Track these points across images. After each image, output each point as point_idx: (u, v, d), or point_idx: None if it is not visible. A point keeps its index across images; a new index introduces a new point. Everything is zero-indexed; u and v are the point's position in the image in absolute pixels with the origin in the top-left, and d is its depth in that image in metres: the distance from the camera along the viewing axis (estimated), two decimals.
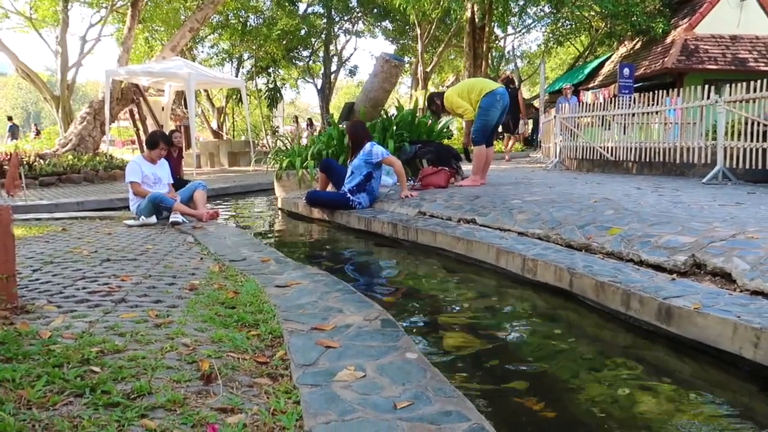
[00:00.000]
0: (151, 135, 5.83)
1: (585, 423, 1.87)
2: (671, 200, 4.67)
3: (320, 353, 1.85)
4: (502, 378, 2.28)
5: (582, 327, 2.86)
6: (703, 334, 2.26)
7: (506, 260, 3.63)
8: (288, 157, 7.81)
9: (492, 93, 6.14)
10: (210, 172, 14.89)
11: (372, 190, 5.95)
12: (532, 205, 4.52)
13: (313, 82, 30.92)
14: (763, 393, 2.04)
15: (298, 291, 2.68)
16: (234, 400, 1.49)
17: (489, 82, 6.39)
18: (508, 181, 6.95)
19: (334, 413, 1.44)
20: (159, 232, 4.73)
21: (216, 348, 1.86)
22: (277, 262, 3.44)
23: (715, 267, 2.79)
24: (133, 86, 14.55)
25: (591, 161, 9.34)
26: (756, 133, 6.19)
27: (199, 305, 2.38)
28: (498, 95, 6.12)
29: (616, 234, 3.49)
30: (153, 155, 5.51)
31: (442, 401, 1.52)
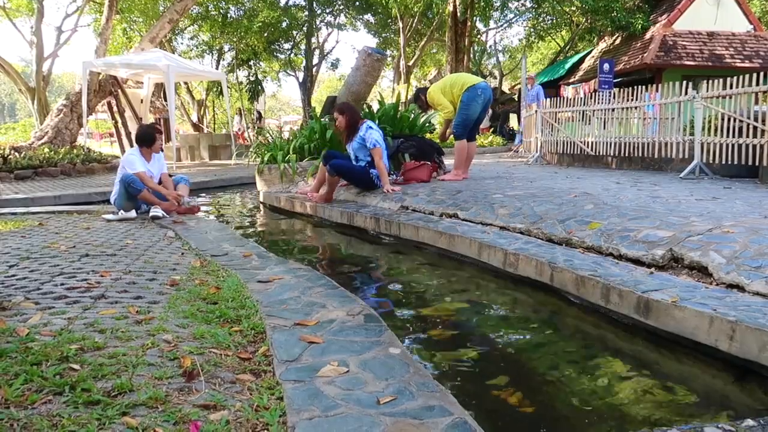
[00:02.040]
0: (145, 131, 5.62)
1: (564, 416, 1.90)
2: (650, 195, 4.74)
3: (303, 349, 1.85)
4: (482, 372, 2.30)
5: (562, 321, 2.89)
6: (681, 327, 2.30)
7: (488, 254, 3.66)
8: (270, 151, 7.76)
9: (473, 87, 6.17)
10: (190, 166, 14.73)
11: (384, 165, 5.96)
12: (514, 200, 4.55)
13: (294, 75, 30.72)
14: (738, 383, 2.09)
15: (281, 286, 2.67)
16: (217, 396, 1.49)
17: (471, 77, 6.41)
18: (489, 175, 6.98)
19: (317, 409, 1.44)
20: (139, 227, 4.68)
21: (198, 344, 1.85)
22: (260, 257, 3.43)
23: (692, 261, 2.84)
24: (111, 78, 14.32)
25: (571, 156, 9.43)
26: (732, 129, 6.30)
27: (181, 301, 2.36)
28: (479, 89, 6.14)
29: (595, 228, 3.53)
30: (154, 149, 5.45)
31: (425, 396, 1.52)
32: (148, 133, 5.52)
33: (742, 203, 4.19)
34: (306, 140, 7.46)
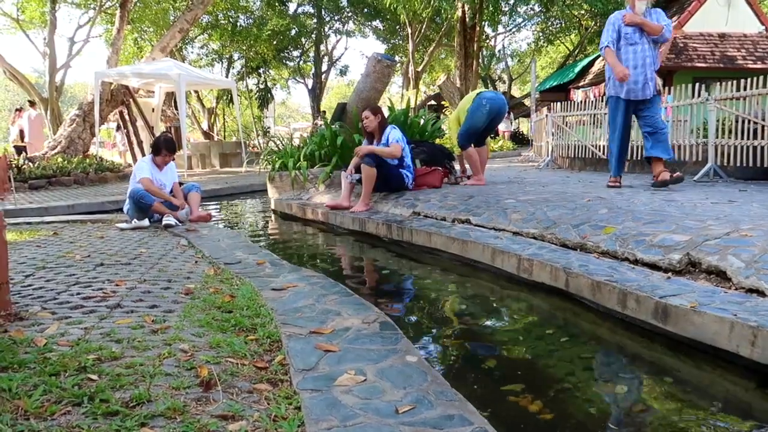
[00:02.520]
0: (156, 141, 5.74)
1: (583, 423, 1.87)
2: (664, 198, 4.69)
3: (320, 357, 1.84)
4: (500, 379, 2.28)
5: (578, 327, 2.87)
6: (700, 333, 2.27)
7: (502, 260, 3.64)
8: (281, 158, 7.78)
9: (478, 97, 6.22)
10: (202, 174, 14.82)
11: (409, 166, 5.93)
12: (527, 205, 4.53)
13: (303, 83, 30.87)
14: (760, 390, 2.05)
15: (295, 294, 2.67)
16: (234, 406, 1.48)
17: (480, 90, 6.50)
18: (501, 180, 6.96)
19: (336, 419, 1.43)
20: (152, 236, 4.70)
21: (214, 353, 1.85)
22: (273, 264, 3.43)
23: (710, 265, 2.81)
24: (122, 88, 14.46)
25: (583, 160, 9.38)
26: (746, 131, 6.24)
27: (196, 310, 2.36)
28: (484, 99, 6.16)
29: (610, 233, 3.50)
30: (157, 161, 5.47)
31: (444, 405, 1.51)
32: (156, 143, 5.59)
33: (759, 206, 4.14)
34: (317, 147, 7.48)
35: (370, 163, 5.56)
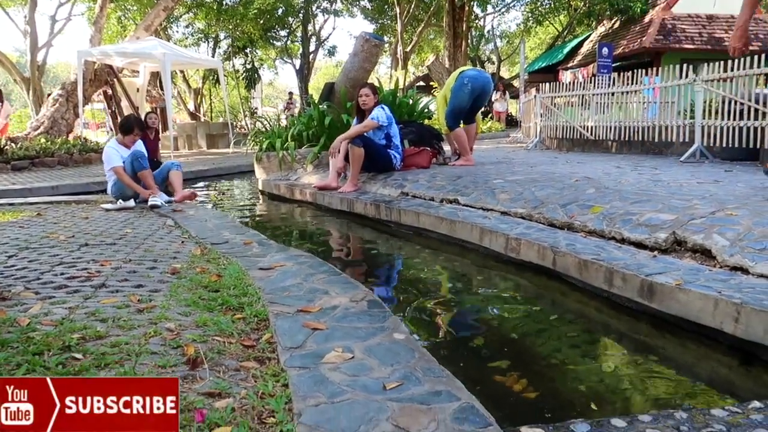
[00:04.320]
0: (126, 120, 5.71)
1: (568, 400, 1.89)
2: (651, 178, 4.72)
3: (307, 335, 1.83)
4: (486, 357, 2.29)
5: (565, 305, 2.89)
6: (685, 310, 2.29)
7: (490, 240, 3.64)
8: (268, 138, 7.71)
9: (460, 76, 6.19)
10: (188, 155, 14.68)
11: (397, 147, 5.90)
12: (514, 185, 4.53)
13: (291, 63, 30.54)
14: (743, 366, 2.08)
15: (283, 273, 2.65)
16: (221, 384, 1.47)
17: (462, 68, 6.46)
18: (489, 160, 6.96)
19: (323, 395, 1.43)
20: (138, 216, 4.65)
21: (201, 332, 1.83)
22: (260, 244, 3.41)
23: (696, 244, 2.83)
24: (106, 67, 14.22)
25: (571, 140, 9.39)
26: (733, 112, 6.26)
27: (182, 289, 2.34)
28: (465, 78, 6.12)
29: (597, 212, 3.52)
30: (126, 141, 5.39)
31: (431, 381, 1.51)
32: (127, 122, 5.53)
33: (744, 186, 4.17)
34: (304, 127, 7.42)
35: (358, 144, 5.52)
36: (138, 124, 5.48)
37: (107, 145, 5.63)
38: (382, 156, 5.81)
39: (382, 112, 5.64)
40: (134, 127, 5.37)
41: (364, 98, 5.67)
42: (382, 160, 5.82)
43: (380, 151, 5.78)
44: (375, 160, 5.78)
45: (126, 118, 5.92)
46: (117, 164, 5.20)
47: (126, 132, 5.37)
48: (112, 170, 5.21)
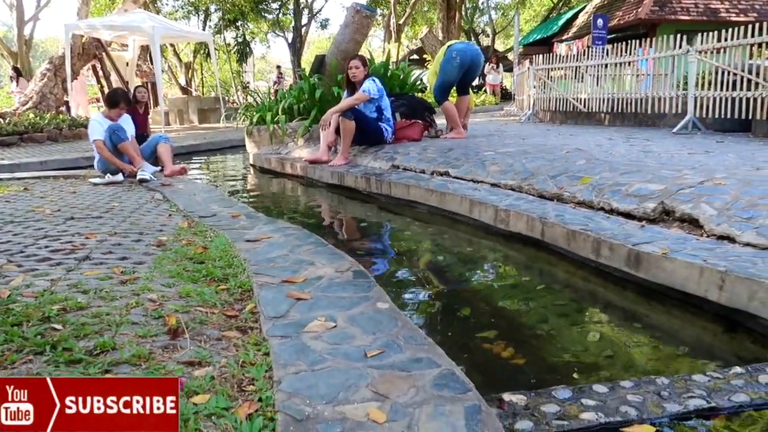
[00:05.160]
0: (112, 93, 5.61)
1: (554, 368, 1.90)
2: (642, 150, 4.70)
3: (291, 305, 1.83)
4: (474, 326, 2.30)
5: (553, 275, 2.89)
6: (671, 279, 2.29)
7: (479, 211, 3.63)
8: (258, 112, 7.63)
9: (448, 50, 6.13)
10: (179, 129, 14.53)
11: (388, 119, 5.85)
12: (505, 157, 4.50)
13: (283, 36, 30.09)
14: (727, 333, 2.10)
15: (269, 245, 2.64)
16: (202, 353, 1.47)
17: (451, 42, 6.42)
18: (481, 133, 6.91)
19: (304, 363, 1.43)
20: (126, 190, 4.61)
21: (184, 303, 1.82)
22: (248, 217, 3.38)
23: (684, 213, 2.82)
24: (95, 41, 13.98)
25: (564, 113, 9.34)
26: (726, 83, 6.22)
27: (167, 261, 2.32)
28: (454, 51, 6.07)
29: (587, 183, 3.50)
30: (112, 114, 5.30)
31: (412, 349, 1.51)
32: (114, 96, 5.44)
33: (735, 156, 4.16)
34: (295, 100, 7.33)
35: (349, 117, 5.47)
36: (124, 97, 5.39)
37: (91, 118, 5.55)
38: (373, 129, 5.75)
39: (373, 85, 5.58)
40: (120, 100, 5.28)
41: (354, 70, 5.60)
42: (373, 133, 5.77)
43: (371, 123, 5.73)
44: (366, 133, 5.73)
45: (112, 91, 5.83)
46: (98, 138, 5.13)
47: (112, 105, 5.29)
48: (93, 144, 5.15)
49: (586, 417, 1.49)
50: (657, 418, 1.50)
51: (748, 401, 1.55)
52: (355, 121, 5.49)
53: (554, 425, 1.46)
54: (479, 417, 1.18)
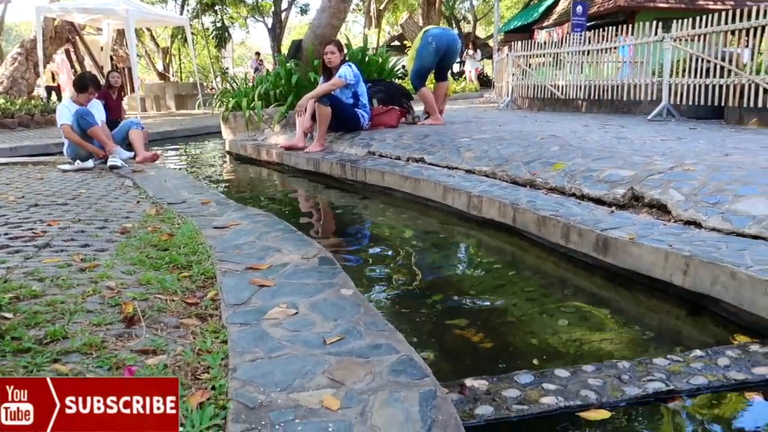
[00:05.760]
0: (80, 77, 5.47)
1: (523, 352, 1.90)
2: (616, 136, 4.72)
3: (253, 292, 1.80)
4: (444, 312, 2.29)
5: (524, 261, 2.90)
6: (638, 264, 2.31)
7: (452, 198, 3.62)
8: (234, 97, 7.52)
9: (424, 35, 6.11)
10: (156, 116, 14.31)
11: (365, 106, 5.80)
12: (481, 143, 4.49)
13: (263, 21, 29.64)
14: (691, 317, 2.12)
15: (236, 232, 2.60)
16: (157, 341, 1.44)
17: (427, 27, 6.40)
18: (459, 120, 6.90)
19: (261, 351, 1.41)
20: (95, 177, 4.52)
21: (143, 290, 1.79)
22: (219, 203, 3.33)
23: (652, 199, 2.84)
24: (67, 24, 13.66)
25: (542, 100, 9.36)
26: (699, 70, 6.27)
27: (130, 248, 2.27)
28: (429, 37, 6.05)
29: (560, 169, 3.51)
30: (81, 99, 5.17)
31: (373, 335, 1.50)
32: (81, 79, 5.31)
33: (706, 142, 4.20)
34: (271, 86, 7.24)
35: (325, 103, 5.41)
36: (93, 82, 5.26)
37: (60, 103, 5.43)
38: (350, 115, 5.71)
39: (349, 70, 5.52)
40: (89, 84, 5.16)
41: (330, 56, 5.54)
42: (349, 119, 5.72)
43: (347, 110, 5.68)
44: (342, 119, 5.69)
45: (80, 75, 5.69)
46: (65, 122, 5.01)
47: (80, 90, 5.16)
48: (61, 128, 5.03)
49: (546, 401, 1.49)
50: (616, 402, 1.51)
51: (705, 384, 1.57)
52: (331, 107, 5.43)
53: (514, 410, 1.46)
54: (434, 403, 1.17)
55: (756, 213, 2.39)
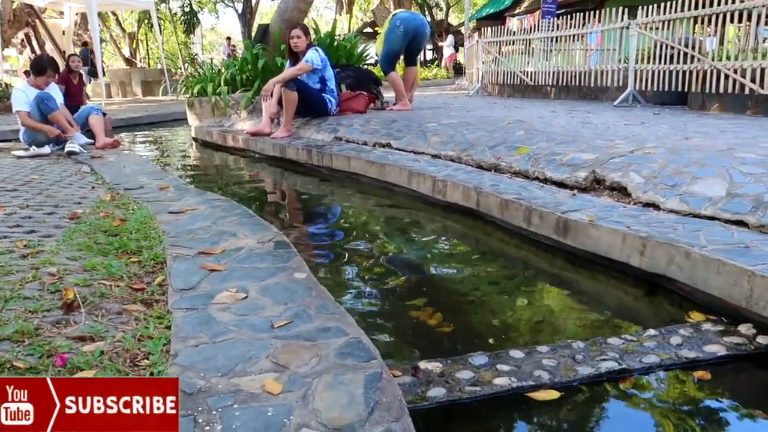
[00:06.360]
0: (38, 60, 5.28)
1: (482, 334, 1.89)
2: (581, 121, 4.74)
3: (203, 277, 1.75)
4: (404, 295, 2.27)
5: (487, 244, 2.89)
6: (596, 245, 2.31)
7: (418, 182, 3.59)
8: (200, 82, 7.36)
9: (393, 19, 6.05)
10: (122, 102, 13.96)
11: (332, 91, 5.71)
12: (447, 128, 4.47)
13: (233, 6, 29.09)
14: (648, 297, 2.13)
15: (193, 217, 2.53)
16: (96, 327, 1.38)
17: (395, 11, 6.34)
18: (428, 105, 6.86)
19: (205, 336, 1.36)
20: (51, 163, 4.37)
21: (87, 276, 1.72)
22: (177, 189, 3.25)
23: (613, 182, 2.85)
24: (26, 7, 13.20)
25: (512, 86, 9.37)
26: (664, 56, 6.33)
27: (78, 234, 2.19)
28: (397, 20, 6.01)
29: (524, 153, 3.51)
30: (39, 82, 4.99)
31: (323, 318, 1.46)
32: (39, 62, 5.12)
33: (668, 127, 4.24)
34: (238, 71, 7.10)
35: (291, 88, 5.32)
36: (51, 64, 5.08)
37: (15, 87, 5.23)
38: (317, 100, 5.62)
39: (316, 55, 5.43)
40: (47, 67, 4.98)
41: (296, 40, 5.44)
42: (316, 104, 5.64)
43: (314, 95, 5.60)
44: (309, 105, 5.60)
45: (38, 57, 5.49)
46: (21, 109, 4.83)
47: (38, 72, 4.98)
48: (17, 115, 4.85)
49: (499, 382, 1.48)
50: (569, 381, 1.50)
51: (658, 362, 1.57)
52: (297, 92, 5.35)
53: (467, 391, 1.45)
54: (378, 385, 1.14)
55: (712, 194, 2.42)
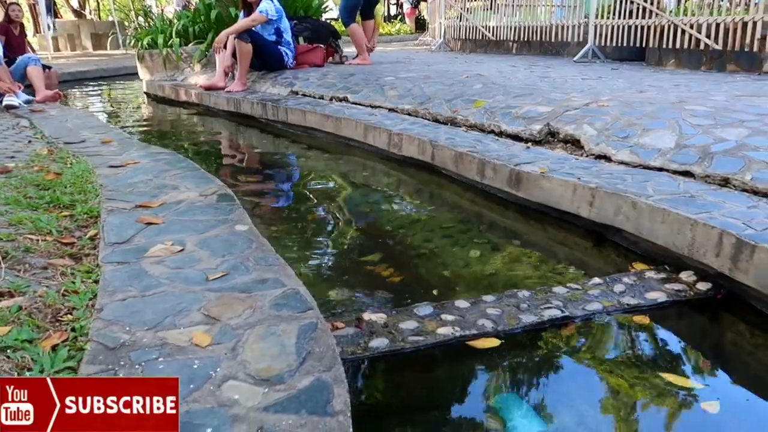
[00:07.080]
0: None
1: (431, 283, 1.87)
2: (540, 76, 4.71)
3: (138, 230, 1.67)
4: (355, 248, 2.24)
5: (441, 197, 2.86)
6: (547, 197, 2.31)
7: (373, 136, 3.52)
8: (150, 34, 7.02)
9: None
10: (70, 56, 13.30)
11: (289, 44, 5.52)
12: (405, 82, 4.38)
13: None
14: (596, 247, 2.14)
15: (134, 170, 2.42)
16: (17, 283, 1.30)
17: None
18: (388, 60, 6.72)
19: (135, 289, 1.29)
20: None
21: (12, 231, 1.62)
22: (121, 143, 3.10)
23: (567, 134, 2.84)
24: None
25: (474, 42, 9.25)
26: (624, 11, 6.31)
27: (7, 188, 2.07)
28: None
29: (480, 106, 3.46)
30: None
31: (261, 270, 1.41)
32: None
33: (624, 81, 4.25)
34: (190, 22, 6.78)
35: (245, 39, 5.11)
36: None
37: None
38: (272, 53, 5.43)
39: (270, 5, 5.21)
40: None
41: None
42: (272, 57, 5.45)
43: (270, 47, 5.40)
44: (265, 58, 5.41)
45: None
46: None
47: None
48: None
49: (442, 332, 1.46)
50: (512, 330, 1.50)
51: (600, 309, 1.58)
52: (252, 45, 5.15)
53: (409, 341, 1.43)
54: (312, 335, 1.10)
55: (661, 146, 2.42)
